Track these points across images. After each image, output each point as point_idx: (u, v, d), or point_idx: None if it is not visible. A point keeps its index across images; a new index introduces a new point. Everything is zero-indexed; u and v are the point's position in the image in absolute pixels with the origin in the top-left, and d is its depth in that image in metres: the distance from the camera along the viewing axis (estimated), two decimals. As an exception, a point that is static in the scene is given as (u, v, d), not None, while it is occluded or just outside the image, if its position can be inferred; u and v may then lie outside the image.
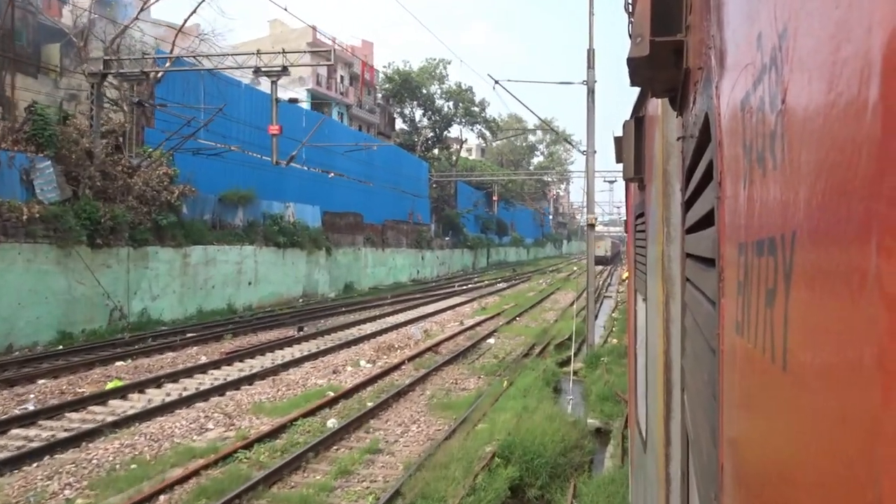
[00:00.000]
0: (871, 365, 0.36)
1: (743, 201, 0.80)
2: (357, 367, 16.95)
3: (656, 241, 2.80)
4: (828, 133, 0.44)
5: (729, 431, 0.91)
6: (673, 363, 2.38)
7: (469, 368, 17.24)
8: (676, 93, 1.89)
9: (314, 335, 21.87)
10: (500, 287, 44.40)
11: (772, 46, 0.62)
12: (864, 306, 0.37)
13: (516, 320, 27.68)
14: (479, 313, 29.36)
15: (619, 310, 31.50)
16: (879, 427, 0.34)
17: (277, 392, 14.21)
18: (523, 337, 23.01)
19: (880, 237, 0.35)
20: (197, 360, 17.63)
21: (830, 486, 0.42)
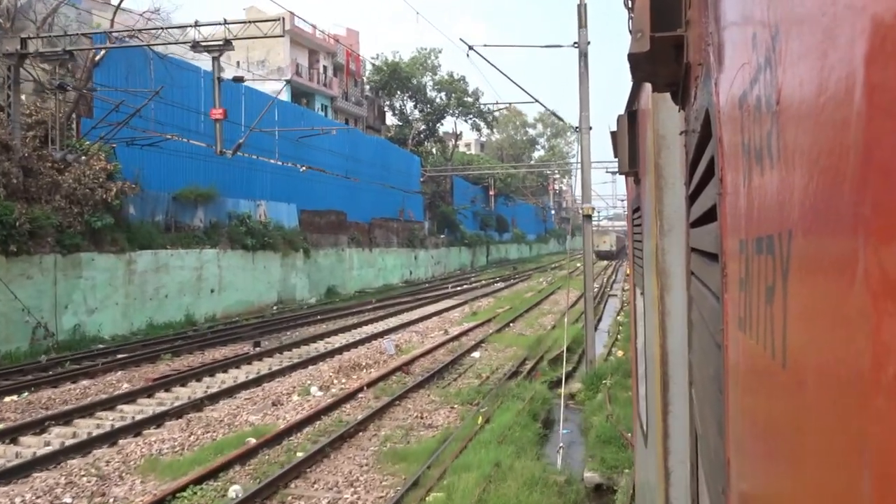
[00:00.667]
0: (865, 362, 0.36)
1: (743, 198, 0.81)
2: (305, 397, 13.79)
3: (651, 234, 2.79)
4: (818, 135, 0.45)
5: (734, 427, 0.91)
6: (669, 357, 2.40)
7: (442, 394, 14.06)
8: (678, 87, 1.89)
9: (272, 351, 18.73)
10: (497, 287, 41.20)
11: (766, 47, 0.63)
12: (855, 304, 0.38)
13: (509, 327, 24.49)
14: (468, 319, 26.19)
15: (626, 312, 28.20)
16: (873, 422, 0.34)
17: (189, 438, 11.04)
18: (514, 349, 19.81)
19: (867, 237, 0.35)
20: (117, 389, 14.52)
21: (827, 481, 0.43)
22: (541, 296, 35.55)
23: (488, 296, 35.75)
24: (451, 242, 56.62)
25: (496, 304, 31.16)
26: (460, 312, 28.40)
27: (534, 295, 35.73)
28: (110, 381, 15.14)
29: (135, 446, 10.50)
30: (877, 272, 0.35)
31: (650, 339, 2.95)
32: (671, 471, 2.33)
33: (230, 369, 16.52)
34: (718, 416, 1.08)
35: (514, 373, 16.17)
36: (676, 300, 2.37)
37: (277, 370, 16.12)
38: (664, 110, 2.41)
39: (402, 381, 15.41)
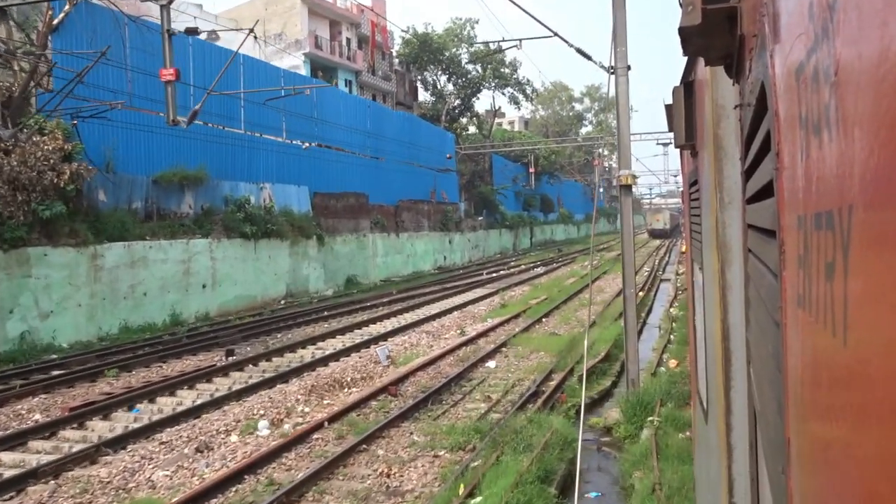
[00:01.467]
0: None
1: (801, 173, 0.79)
2: (245, 437, 10.28)
3: (710, 209, 2.71)
4: (879, 108, 0.44)
5: (794, 406, 0.89)
6: (731, 332, 2.37)
7: (430, 431, 10.36)
8: (731, 60, 1.82)
9: (245, 362, 15.32)
10: (536, 273, 37.22)
11: (823, 17, 0.62)
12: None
13: (540, 323, 20.60)
14: (494, 314, 22.39)
15: (682, 302, 24.01)
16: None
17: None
18: (541, 354, 15.97)
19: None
20: (24, 421, 11.30)
21: (893, 463, 0.42)
22: (583, 282, 31.45)
23: (524, 283, 31.83)
24: (491, 224, 52.71)
25: (530, 294, 27.25)
26: (488, 305, 24.59)
27: (575, 282, 31.67)
28: (19, 409, 11.89)
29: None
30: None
31: (710, 314, 2.90)
32: (734, 447, 2.28)
33: (180, 390, 13.14)
34: (778, 395, 1.07)
35: (533, 393, 12.37)
36: (737, 275, 2.31)
37: (235, 391, 12.66)
38: (723, 80, 2.27)
39: (386, 407, 11.77)
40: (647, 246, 63.50)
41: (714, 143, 2.47)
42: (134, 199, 21.22)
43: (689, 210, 4.18)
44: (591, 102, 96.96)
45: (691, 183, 3.91)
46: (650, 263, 41.86)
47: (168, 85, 14.65)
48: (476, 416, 11.10)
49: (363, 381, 13.62)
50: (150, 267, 20.55)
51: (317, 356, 15.82)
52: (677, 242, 62.77)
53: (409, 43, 49.33)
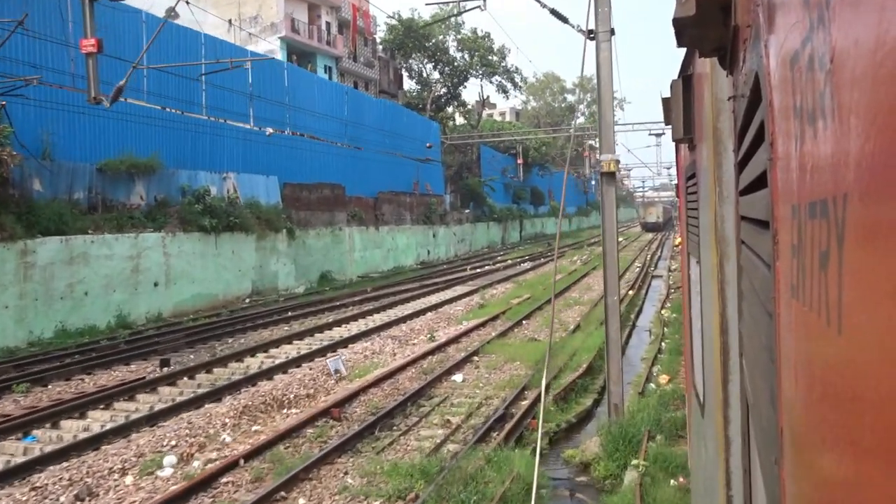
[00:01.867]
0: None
1: (795, 163, 0.80)
2: (142, 479, 8.39)
3: (709, 203, 2.71)
4: (875, 94, 0.44)
5: (787, 396, 0.90)
6: (729, 325, 2.40)
7: (368, 471, 8.46)
8: (725, 51, 1.81)
9: (182, 373, 13.43)
10: (523, 269, 35.41)
11: (819, 5, 0.62)
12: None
13: (520, 326, 18.77)
14: (471, 315, 20.55)
15: (676, 302, 22.22)
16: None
17: None
18: (516, 365, 14.13)
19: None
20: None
21: (887, 450, 0.42)
22: (571, 279, 29.67)
23: (509, 280, 29.97)
24: (478, 217, 50.83)
25: (513, 292, 25.40)
26: (466, 305, 22.73)
27: (562, 278, 29.84)
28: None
29: None
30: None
31: (707, 308, 2.90)
32: (731, 440, 2.29)
33: (94, 410, 11.27)
34: (771, 386, 1.07)
35: (500, 417, 10.52)
36: (734, 269, 2.32)
37: (154, 413, 10.81)
38: (722, 73, 2.29)
39: (324, 434, 9.91)
40: (640, 240, 61.75)
41: (714, 136, 2.49)
42: (76, 189, 19.25)
43: (687, 204, 4.17)
44: (584, 94, 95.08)
45: (689, 177, 3.93)
46: (642, 258, 40.09)
47: (89, 58, 12.69)
48: (429, 448, 9.23)
49: (307, 400, 11.76)
50: (93, 263, 18.60)
51: (264, 366, 13.95)
52: (670, 236, 61.38)
53: (393, 29, 47.30)
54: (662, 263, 37.37)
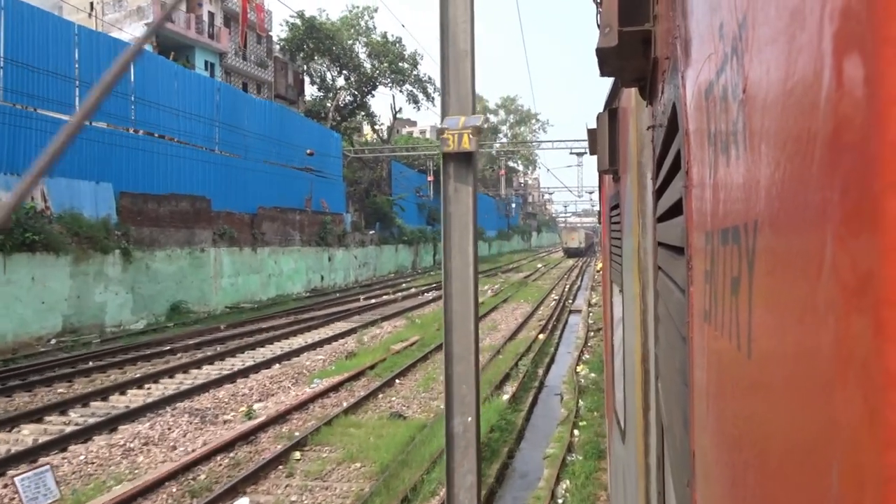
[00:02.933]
0: (829, 351, 0.36)
1: (709, 190, 0.81)
2: None
3: (632, 233, 2.82)
4: (785, 122, 0.44)
5: (699, 418, 0.91)
6: (650, 353, 2.40)
7: None
8: (646, 82, 1.88)
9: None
10: (425, 299, 30.49)
11: (732, 36, 0.63)
12: (821, 293, 0.37)
13: (391, 387, 13.72)
14: (332, 369, 15.38)
15: (596, 351, 17.62)
16: (838, 412, 0.34)
17: None
18: (356, 468, 9.03)
19: (835, 224, 0.35)
20: None
21: (793, 471, 0.43)
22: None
23: (403, 314, 24.93)
24: (385, 240, 45.71)
25: (401, 333, 20.35)
26: (333, 352, 17.49)
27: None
28: None
29: None
30: (844, 261, 0.34)
31: (629, 336, 2.95)
32: (651, 467, 2.30)
33: None
34: (684, 409, 1.07)
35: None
36: (653, 296, 2.29)
37: None
38: (646, 107, 2.37)
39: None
40: (560, 266, 57.91)
41: (637, 169, 2.57)
42: None
43: (610, 233, 4.22)
44: (506, 115, 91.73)
45: (612, 206, 3.95)
46: (560, 288, 35.80)
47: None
48: None
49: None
50: None
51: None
52: (591, 262, 58.30)
53: (294, 28, 42.04)
54: (582, 295, 33.12)
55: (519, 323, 22.80)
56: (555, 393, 14.17)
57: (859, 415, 0.32)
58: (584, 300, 30.16)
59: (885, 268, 0.30)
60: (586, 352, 17.79)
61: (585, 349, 18.07)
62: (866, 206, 0.31)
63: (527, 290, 34.98)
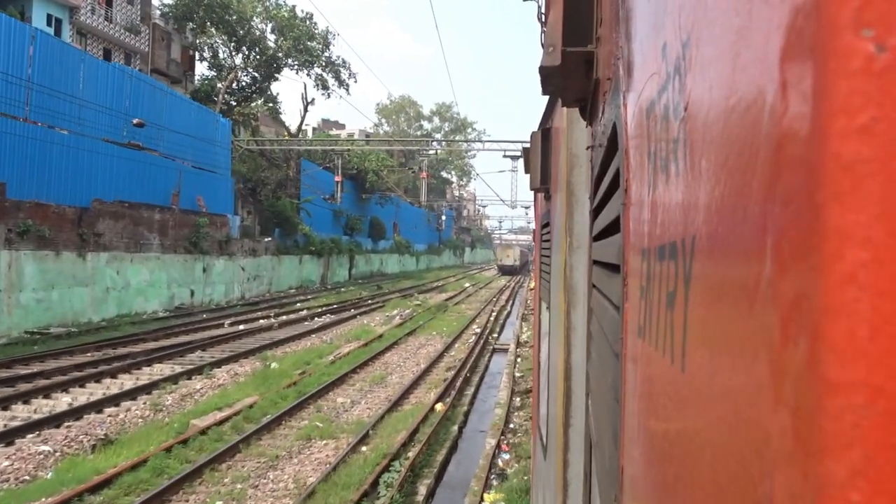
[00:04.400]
0: (765, 361, 0.36)
1: (647, 208, 0.81)
2: None
3: (560, 251, 2.81)
4: (727, 138, 0.44)
5: (629, 433, 0.91)
6: (573, 371, 2.43)
7: None
8: (587, 102, 1.90)
9: None
10: (315, 325, 23.44)
11: (676, 56, 0.63)
12: (759, 303, 0.37)
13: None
14: (29, 489, 8.24)
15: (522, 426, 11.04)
16: (773, 422, 0.34)
17: None
18: None
19: (776, 236, 0.35)
20: None
21: (724, 484, 0.43)
22: (366, 354, 17.96)
23: (260, 352, 17.81)
24: (286, 249, 38.34)
25: (228, 393, 13.20)
26: (77, 433, 10.28)
27: (354, 351, 18.07)
28: None
29: None
30: (783, 270, 0.34)
31: (554, 353, 2.92)
32: (569, 482, 2.30)
33: None
34: (614, 425, 1.07)
35: None
36: (581, 316, 2.35)
37: None
38: (578, 129, 2.40)
39: None
40: (491, 286, 51.43)
41: (567, 189, 2.53)
42: None
43: (541, 251, 4.20)
44: (441, 122, 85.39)
45: (543, 224, 3.96)
46: (485, 315, 29.21)
47: None
48: None
49: None
50: None
51: None
52: (525, 283, 52.71)
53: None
54: (512, 327, 26.59)
55: (419, 372, 15.97)
56: (457, 482, 7.44)
57: (795, 424, 0.32)
58: (514, 333, 23.62)
59: (825, 277, 0.31)
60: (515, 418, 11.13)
61: (509, 427, 11.38)
62: (808, 217, 0.32)
63: (445, 317, 28.24)
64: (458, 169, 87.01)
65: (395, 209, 65.11)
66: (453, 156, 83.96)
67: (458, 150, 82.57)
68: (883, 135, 0.30)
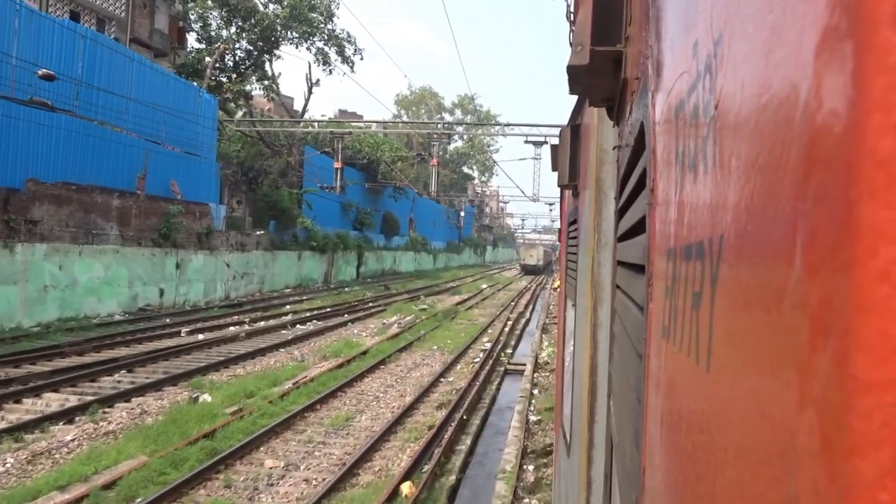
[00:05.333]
0: (794, 360, 0.35)
1: (674, 208, 0.80)
2: None
3: (587, 248, 2.80)
4: (758, 136, 0.44)
5: (651, 434, 0.90)
6: (599, 368, 2.42)
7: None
8: (614, 102, 1.86)
9: None
10: (290, 336, 19.25)
11: (707, 54, 0.62)
12: (789, 301, 0.37)
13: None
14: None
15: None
16: (800, 421, 0.34)
17: None
18: None
19: (805, 236, 0.35)
20: None
21: (748, 484, 0.42)
22: (338, 379, 13.70)
23: (190, 378, 13.65)
24: (283, 244, 34.28)
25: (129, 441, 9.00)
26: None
27: (324, 375, 13.79)
28: None
29: None
30: (815, 268, 0.33)
31: (580, 350, 2.93)
32: (593, 480, 2.32)
33: None
34: (636, 425, 1.07)
35: None
36: (607, 313, 2.38)
37: None
38: (608, 125, 2.38)
39: None
40: (510, 287, 46.96)
41: (596, 185, 2.52)
42: None
43: (567, 248, 4.19)
44: (463, 114, 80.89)
45: (570, 222, 3.91)
46: (499, 323, 24.83)
47: None
48: None
49: None
50: None
51: None
52: (548, 284, 49.14)
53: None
54: (530, 339, 22.18)
55: (401, 409, 11.66)
56: None
57: (823, 423, 0.31)
58: (531, 349, 19.24)
59: (857, 274, 0.30)
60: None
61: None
62: (841, 214, 0.31)
63: (451, 326, 23.92)
64: (480, 164, 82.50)
65: (411, 204, 60.83)
66: (475, 150, 79.47)
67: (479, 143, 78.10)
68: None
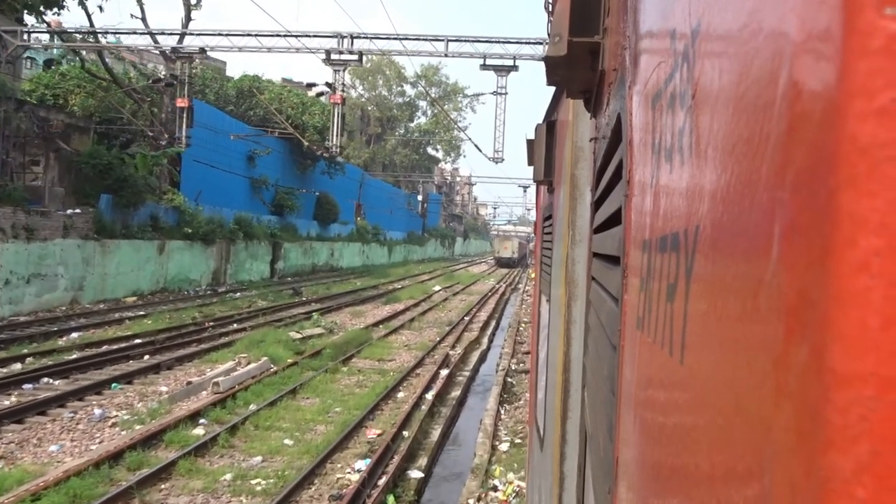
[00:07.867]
0: (770, 352, 0.34)
1: (650, 199, 0.80)
2: None
3: (562, 243, 2.77)
4: (736, 124, 0.43)
5: (625, 425, 0.89)
6: (572, 363, 2.39)
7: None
8: (591, 94, 1.84)
9: None
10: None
11: (684, 43, 0.62)
12: (765, 291, 0.36)
13: None
14: None
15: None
16: (775, 414, 0.33)
17: None
18: None
19: (783, 225, 0.34)
20: None
21: (721, 477, 0.42)
22: None
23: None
24: (127, 230, 22.76)
25: None
26: None
27: None
28: None
29: None
30: (792, 257, 0.33)
31: (553, 345, 2.88)
32: (566, 475, 2.28)
33: None
34: (610, 417, 1.06)
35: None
36: (581, 309, 2.33)
37: None
38: (583, 122, 2.36)
39: None
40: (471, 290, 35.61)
41: (570, 182, 2.48)
42: None
43: (542, 244, 4.16)
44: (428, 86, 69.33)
45: (546, 217, 3.85)
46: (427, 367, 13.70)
47: None
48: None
49: None
50: None
51: None
52: (524, 275, 44.84)
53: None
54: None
55: None
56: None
57: (799, 417, 0.31)
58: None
59: (836, 264, 0.29)
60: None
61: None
62: (820, 202, 0.30)
63: (327, 387, 12.72)
64: (446, 143, 71.22)
65: (359, 186, 49.42)
66: (440, 127, 68.12)
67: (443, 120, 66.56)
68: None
